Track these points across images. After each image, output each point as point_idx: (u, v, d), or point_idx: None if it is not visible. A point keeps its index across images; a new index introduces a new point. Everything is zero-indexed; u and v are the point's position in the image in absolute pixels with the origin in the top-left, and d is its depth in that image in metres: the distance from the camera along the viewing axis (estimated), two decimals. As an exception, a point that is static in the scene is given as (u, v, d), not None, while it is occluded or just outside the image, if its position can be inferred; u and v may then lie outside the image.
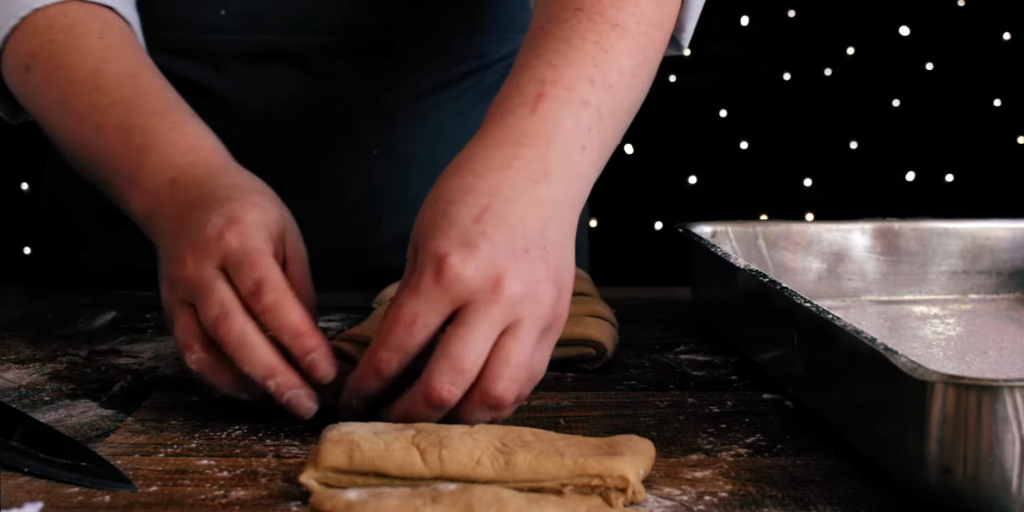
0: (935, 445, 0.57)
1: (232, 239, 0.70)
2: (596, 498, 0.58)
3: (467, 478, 0.59)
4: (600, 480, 0.58)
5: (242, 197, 0.73)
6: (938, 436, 0.56)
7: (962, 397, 0.56)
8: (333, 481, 0.59)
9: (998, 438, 0.55)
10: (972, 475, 0.56)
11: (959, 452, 0.56)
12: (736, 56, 2.48)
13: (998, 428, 0.55)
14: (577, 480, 0.59)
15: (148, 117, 0.81)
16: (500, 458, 0.59)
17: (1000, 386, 0.55)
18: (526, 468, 0.59)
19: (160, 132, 0.79)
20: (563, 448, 0.60)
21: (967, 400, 0.55)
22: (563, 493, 0.58)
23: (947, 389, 0.56)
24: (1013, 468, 0.55)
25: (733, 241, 0.99)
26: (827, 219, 1.03)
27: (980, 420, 0.55)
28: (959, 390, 0.56)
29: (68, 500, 0.60)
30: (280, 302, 0.68)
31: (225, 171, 0.77)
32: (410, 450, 0.59)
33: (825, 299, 0.99)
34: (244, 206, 0.72)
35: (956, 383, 0.56)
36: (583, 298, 0.88)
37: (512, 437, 0.61)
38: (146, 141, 0.79)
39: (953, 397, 0.56)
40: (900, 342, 0.87)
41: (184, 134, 0.80)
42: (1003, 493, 0.56)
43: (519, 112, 0.70)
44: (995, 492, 0.56)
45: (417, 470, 0.59)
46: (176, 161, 0.77)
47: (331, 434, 0.61)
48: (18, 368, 0.84)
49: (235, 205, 0.72)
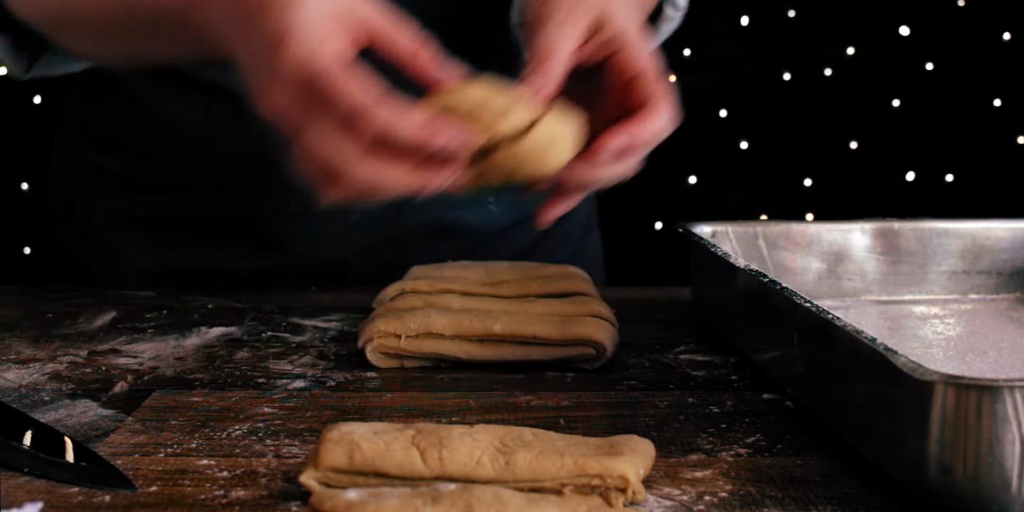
0: (935, 445, 0.57)
1: (291, 61, 0.66)
2: (596, 498, 0.58)
3: (467, 478, 0.59)
4: (600, 480, 0.59)
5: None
6: (938, 436, 0.56)
7: (962, 397, 0.56)
8: (333, 481, 0.59)
9: (998, 438, 0.55)
10: (972, 475, 0.56)
11: (959, 452, 0.56)
12: (736, 56, 2.48)
13: (998, 428, 0.55)
14: (577, 480, 0.59)
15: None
16: (500, 458, 0.59)
17: (1000, 386, 0.55)
18: (526, 468, 0.59)
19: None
20: (563, 448, 0.60)
21: (967, 400, 0.55)
22: (563, 493, 0.59)
23: (947, 389, 0.56)
24: (1013, 468, 0.55)
25: (733, 241, 0.99)
26: (827, 219, 1.03)
27: (980, 420, 0.55)
28: (959, 390, 0.56)
29: (68, 500, 0.60)
30: (385, 125, 0.65)
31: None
32: (410, 450, 0.60)
33: (825, 299, 0.99)
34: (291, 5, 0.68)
35: (956, 383, 0.56)
36: (583, 298, 0.88)
37: (512, 437, 0.61)
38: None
39: (953, 397, 0.56)
40: (900, 342, 0.87)
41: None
42: (1003, 493, 0.56)
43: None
44: (995, 492, 0.56)
45: (417, 470, 0.59)
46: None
47: (331, 434, 0.61)
48: (18, 368, 0.84)
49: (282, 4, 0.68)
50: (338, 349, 0.88)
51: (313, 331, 0.93)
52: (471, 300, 0.87)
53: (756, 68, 2.47)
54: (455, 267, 0.94)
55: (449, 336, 0.82)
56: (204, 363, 0.85)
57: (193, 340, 0.91)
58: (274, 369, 0.84)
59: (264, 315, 0.98)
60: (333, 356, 0.87)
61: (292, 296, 1.04)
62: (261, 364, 0.85)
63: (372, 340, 0.83)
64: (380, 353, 0.83)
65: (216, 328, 0.94)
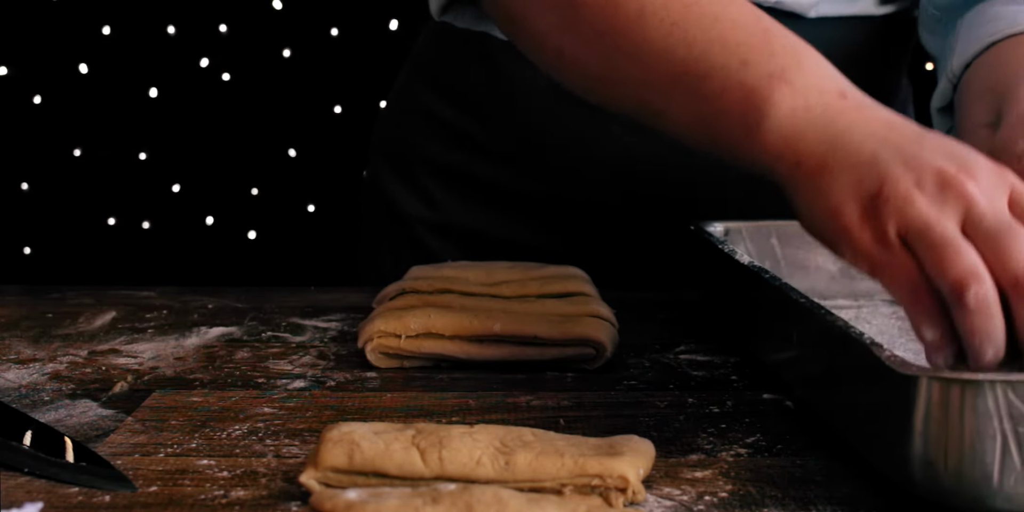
0: (919, 439, 0.57)
1: (975, 194, 0.60)
2: (596, 498, 0.58)
3: (467, 478, 0.59)
4: (600, 480, 0.59)
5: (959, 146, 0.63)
6: (922, 430, 0.57)
7: (945, 392, 0.56)
8: (333, 481, 0.59)
9: (979, 433, 0.55)
10: (955, 469, 0.56)
11: (942, 446, 0.56)
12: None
13: (980, 423, 0.55)
14: (577, 480, 0.59)
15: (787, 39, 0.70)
16: (500, 458, 0.59)
17: (981, 381, 0.55)
18: (526, 468, 0.59)
19: (805, 55, 0.69)
20: (563, 448, 0.60)
21: (950, 395, 0.56)
22: (563, 493, 0.59)
23: (931, 384, 0.56)
24: (994, 462, 0.56)
25: (746, 240, 0.99)
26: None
27: (963, 414, 0.56)
28: (943, 384, 0.56)
29: (68, 500, 0.60)
30: None
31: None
32: (410, 450, 0.60)
33: (839, 298, 0.99)
34: (972, 154, 0.62)
35: (940, 377, 0.56)
36: (583, 298, 0.88)
37: (512, 437, 0.61)
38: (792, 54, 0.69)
39: (937, 392, 0.56)
40: (911, 342, 0.87)
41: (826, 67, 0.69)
42: (984, 487, 0.56)
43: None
44: (977, 486, 0.56)
45: (417, 470, 0.59)
46: (837, 77, 0.68)
47: (331, 434, 0.61)
48: (18, 368, 0.84)
49: (963, 150, 0.62)
50: (338, 349, 0.88)
51: (313, 331, 0.93)
52: (471, 300, 0.87)
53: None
54: (455, 267, 0.94)
55: (449, 336, 0.82)
56: (204, 363, 0.85)
57: (193, 340, 0.91)
58: (274, 369, 0.84)
59: (264, 315, 0.98)
60: (333, 356, 0.87)
61: (292, 296, 1.04)
62: (261, 364, 0.85)
63: (372, 340, 0.83)
64: (380, 353, 0.83)
65: (216, 328, 0.94)
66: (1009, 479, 0.56)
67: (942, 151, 0.62)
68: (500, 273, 0.92)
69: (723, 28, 0.70)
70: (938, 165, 0.61)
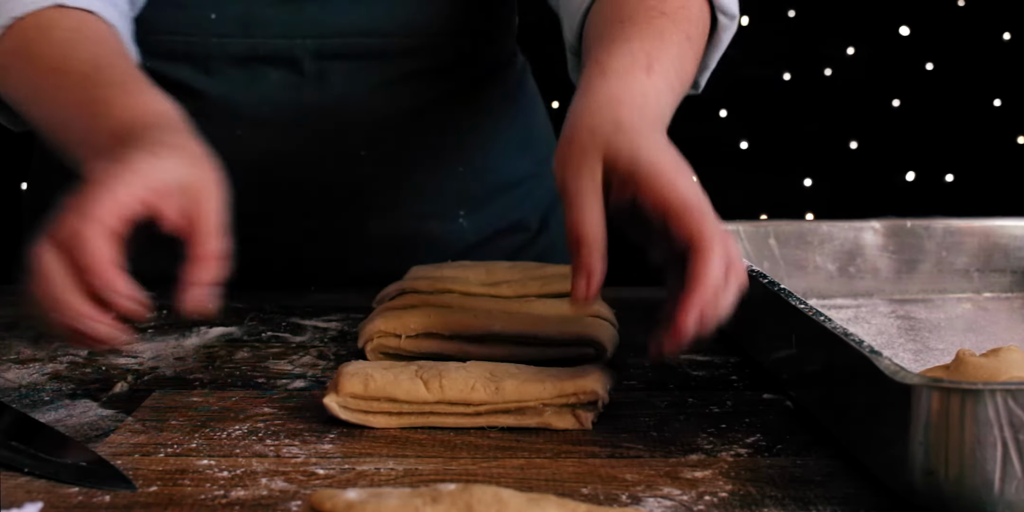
0: (919, 447, 0.57)
1: (78, 209, 0.68)
2: (595, 500, 0.59)
3: (465, 401, 0.70)
4: (575, 397, 0.71)
5: (149, 149, 0.72)
6: (922, 438, 0.57)
7: (945, 401, 0.56)
8: (352, 405, 0.71)
9: (980, 441, 0.55)
10: (955, 477, 0.56)
11: (942, 454, 0.56)
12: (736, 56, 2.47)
13: (980, 431, 0.55)
14: (556, 400, 0.71)
15: (106, 88, 0.81)
16: (491, 384, 0.71)
17: (981, 390, 0.55)
18: (513, 391, 0.71)
19: (116, 99, 0.79)
20: (542, 376, 0.72)
21: (949, 404, 0.56)
22: (544, 412, 0.71)
23: (930, 393, 0.56)
24: (995, 470, 0.55)
25: (744, 240, 0.99)
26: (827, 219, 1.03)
27: (963, 423, 0.55)
28: (942, 393, 0.56)
29: (68, 500, 0.60)
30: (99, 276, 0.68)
31: (167, 131, 0.76)
32: (415, 380, 0.71)
33: (837, 298, 0.99)
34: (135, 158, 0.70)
35: (938, 387, 0.56)
36: (583, 298, 0.87)
37: (500, 369, 0.73)
38: (102, 108, 0.79)
39: (936, 401, 0.56)
40: (911, 341, 0.87)
41: (140, 100, 0.79)
42: (985, 495, 0.56)
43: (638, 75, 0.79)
44: (977, 494, 0.56)
45: (421, 395, 0.70)
46: (126, 120, 0.77)
47: (348, 368, 0.72)
48: (18, 368, 0.84)
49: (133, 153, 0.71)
50: (338, 349, 0.88)
51: (313, 331, 0.93)
52: (471, 300, 0.87)
53: (756, 68, 2.47)
54: (455, 267, 0.94)
55: (449, 336, 0.82)
56: (204, 363, 0.85)
57: (193, 340, 0.91)
58: (274, 369, 0.84)
59: (264, 315, 0.98)
60: (333, 356, 0.87)
61: (292, 296, 1.04)
62: (261, 364, 0.85)
63: (372, 340, 0.83)
64: (380, 353, 0.83)
65: (216, 328, 0.94)
66: (1010, 487, 0.56)
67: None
68: (500, 273, 0.92)
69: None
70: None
